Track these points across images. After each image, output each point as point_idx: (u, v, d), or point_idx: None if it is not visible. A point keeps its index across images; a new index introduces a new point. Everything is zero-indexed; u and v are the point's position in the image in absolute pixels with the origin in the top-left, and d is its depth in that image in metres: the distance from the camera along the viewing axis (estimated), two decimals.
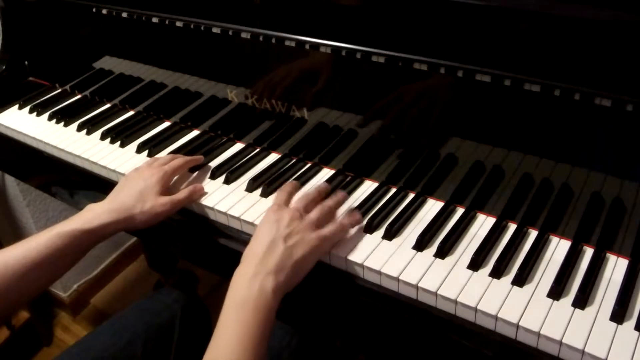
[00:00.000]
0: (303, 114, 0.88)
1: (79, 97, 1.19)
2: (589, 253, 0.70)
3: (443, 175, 0.80)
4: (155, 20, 0.96)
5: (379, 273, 0.69)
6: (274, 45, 0.84)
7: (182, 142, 1.01)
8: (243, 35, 0.86)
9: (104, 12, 1.01)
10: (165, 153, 0.97)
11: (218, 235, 0.83)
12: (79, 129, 1.06)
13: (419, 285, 0.67)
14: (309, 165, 0.91)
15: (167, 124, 1.07)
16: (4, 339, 1.58)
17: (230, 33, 0.87)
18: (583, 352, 0.58)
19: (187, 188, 0.85)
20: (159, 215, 0.80)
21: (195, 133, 1.03)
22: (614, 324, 0.61)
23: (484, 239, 0.73)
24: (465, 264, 0.69)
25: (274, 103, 0.90)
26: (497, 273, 0.68)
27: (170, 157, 0.90)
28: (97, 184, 0.97)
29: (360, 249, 0.73)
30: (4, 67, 1.23)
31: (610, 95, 0.62)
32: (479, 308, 0.63)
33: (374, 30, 0.77)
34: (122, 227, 0.78)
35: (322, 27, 0.80)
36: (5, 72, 1.23)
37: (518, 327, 0.61)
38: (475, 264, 0.69)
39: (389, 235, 0.74)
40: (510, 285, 0.66)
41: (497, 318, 0.63)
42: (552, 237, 0.73)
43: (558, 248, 0.72)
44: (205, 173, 0.91)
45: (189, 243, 0.91)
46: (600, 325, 0.61)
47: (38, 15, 1.17)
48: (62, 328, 1.68)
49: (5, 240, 1.55)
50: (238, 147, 0.98)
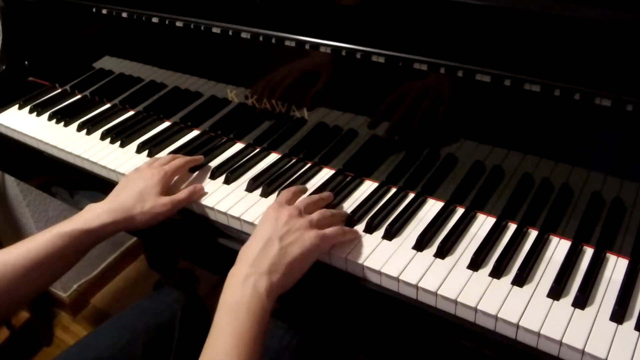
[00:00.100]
0: (303, 114, 0.88)
1: (79, 97, 1.19)
2: (589, 253, 0.70)
3: (443, 175, 0.80)
4: (155, 20, 0.96)
5: (379, 273, 0.69)
6: (274, 45, 0.84)
7: (182, 142, 1.01)
8: (243, 35, 0.86)
9: (104, 12, 1.01)
10: (165, 153, 0.97)
11: (218, 235, 0.83)
12: (79, 129, 1.06)
13: (419, 285, 0.67)
14: (309, 165, 0.91)
15: (167, 124, 1.07)
16: (4, 339, 1.58)
17: (230, 33, 0.87)
18: (583, 352, 0.58)
19: (187, 188, 0.85)
20: (159, 216, 0.80)
21: (195, 133, 1.03)
22: (614, 324, 0.61)
23: (484, 239, 0.73)
24: (465, 264, 0.69)
25: (274, 103, 0.90)
26: (497, 273, 0.68)
27: (171, 157, 0.90)
28: (97, 184, 0.97)
29: (361, 249, 0.73)
30: (4, 67, 1.23)
31: (610, 95, 0.62)
32: (479, 308, 0.63)
33: (374, 30, 0.77)
34: (122, 227, 0.78)
35: (322, 27, 0.80)
36: (5, 72, 1.23)
37: (518, 327, 0.62)
38: (475, 264, 0.69)
39: (389, 235, 0.74)
40: (510, 285, 0.66)
41: (497, 318, 0.63)
42: (552, 237, 0.73)
43: (558, 248, 0.72)
44: (205, 173, 0.91)
45: (189, 243, 0.91)
46: (601, 325, 0.61)
47: (38, 15, 1.17)
48: (62, 328, 1.68)
49: (5, 240, 1.55)
50: (238, 147, 0.98)
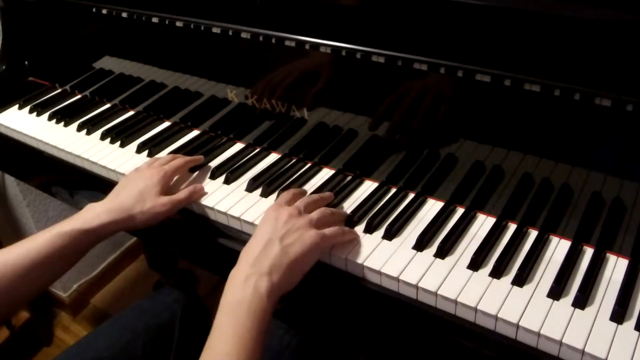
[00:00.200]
0: (303, 114, 0.88)
1: (79, 97, 1.19)
2: (589, 253, 0.70)
3: (443, 175, 0.80)
4: (155, 20, 0.96)
5: (379, 273, 0.69)
6: (274, 45, 0.84)
7: (182, 142, 1.01)
8: (243, 35, 0.86)
9: (104, 12, 1.01)
10: (165, 153, 0.97)
11: (218, 235, 0.83)
12: (79, 129, 1.06)
13: (419, 285, 0.67)
14: (309, 165, 0.91)
15: (167, 124, 1.07)
16: (4, 339, 1.58)
17: (230, 33, 0.87)
18: (583, 352, 0.58)
19: (187, 188, 0.85)
20: (159, 215, 0.80)
21: (195, 133, 1.03)
22: (614, 324, 0.61)
23: (484, 239, 0.73)
24: (465, 264, 0.69)
25: (274, 103, 0.90)
26: (497, 273, 0.68)
27: (171, 157, 0.90)
28: (97, 184, 0.97)
29: (360, 249, 0.73)
30: (4, 67, 1.23)
31: (610, 95, 0.62)
32: (479, 308, 0.63)
33: (374, 30, 0.77)
34: (122, 227, 0.78)
35: (322, 27, 0.80)
36: (5, 72, 1.23)
37: (518, 327, 0.61)
38: (475, 264, 0.69)
39: (389, 235, 0.74)
40: (510, 285, 0.66)
41: (497, 318, 0.63)
42: (552, 237, 0.73)
43: (558, 248, 0.72)
44: (205, 173, 0.91)
45: (189, 243, 0.91)
46: (600, 325, 0.61)
47: (38, 15, 1.17)
48: (62, 328, 1.68)
49: (5, 240, 1.55)
50: (238, 147, 0.98)
